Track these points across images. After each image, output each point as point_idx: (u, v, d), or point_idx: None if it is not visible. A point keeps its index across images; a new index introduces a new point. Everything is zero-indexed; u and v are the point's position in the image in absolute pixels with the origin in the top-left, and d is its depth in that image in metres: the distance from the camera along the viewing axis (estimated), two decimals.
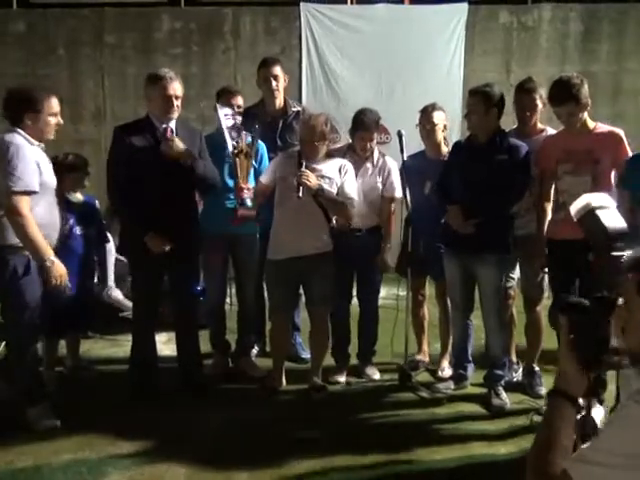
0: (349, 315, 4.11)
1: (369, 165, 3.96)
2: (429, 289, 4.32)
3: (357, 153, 3.95)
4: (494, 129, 3.59)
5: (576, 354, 1.40)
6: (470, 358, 3.94)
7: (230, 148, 3.62)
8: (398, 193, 4.00)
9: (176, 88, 3.53)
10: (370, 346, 4.14)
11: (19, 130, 3.24)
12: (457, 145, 3.87)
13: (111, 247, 4.42)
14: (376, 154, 4.00)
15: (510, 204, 3.61)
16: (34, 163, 3.19)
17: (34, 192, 3.18)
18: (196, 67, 6.71)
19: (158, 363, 3.83)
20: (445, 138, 4.09)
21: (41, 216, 3.24)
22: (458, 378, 3.93)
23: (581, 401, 1.43)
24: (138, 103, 3.78)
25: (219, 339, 4.20)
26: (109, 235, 4.37)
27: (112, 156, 3.61)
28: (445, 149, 4.04)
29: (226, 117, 3.57)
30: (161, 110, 3.54)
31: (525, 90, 3.75)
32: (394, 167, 3.99)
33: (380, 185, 3.96)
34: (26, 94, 3.28)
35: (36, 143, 3.28)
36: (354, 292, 4.14)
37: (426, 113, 4.02)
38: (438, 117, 4.01)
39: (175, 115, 3.57)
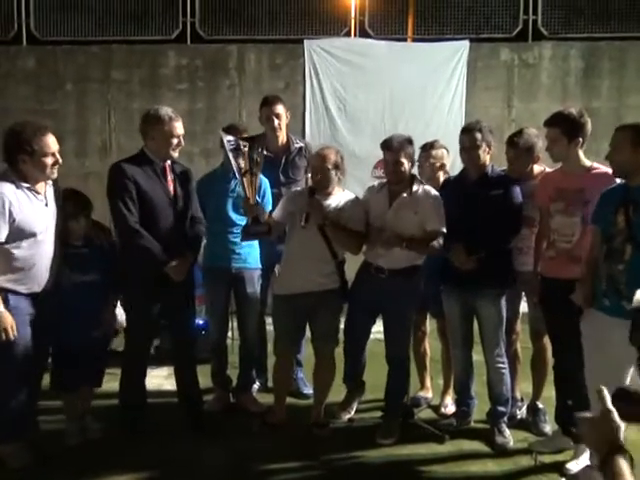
0: (365, 351, 3.93)
1: (405, 196, 3.62)
2: (430, 325, 4.29)
3: (392, 184, 3.68)
4: (485, 165, 3.65)
5: None
6: (473, 394, 3.90)
7: (235, 170, 3.63)
8: (438, 226, 3.58)
9: (181, 127, 3.55)
10: (393, 403, 3.82)
11: (8, 173, 3.19)
12: (447, 182, 3.88)
13: None
14: (416, 185, 3.65)
15: (508, 238, 3.62)
16: (6, 210, 3.09)
17: None
18: (201, 102, 6.80)
19: (146, 400, 3.75)
20: (447, 173, 4.11)
21: (20, 260, 3.17)
22: (461, 415, 3.89)
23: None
24: None
25: (220, 374, 4.18)
26: None
27: (117, 192, 3.48)
28: None
29: (229, 143, 3.59)
30: (165, 149, 3.52)
31: (510, 142, 3.80)
32: (435, 198, 3.64)
33: (414, 220, 3.59)
34: (17, 135, 3.19)
35: (26, 185, 3.19)
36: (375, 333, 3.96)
37: (425, 150, 4.06)
38: (436, 155, 4.05)
39: (177, 155, 3.58)
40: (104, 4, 7.06)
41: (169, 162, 3.59)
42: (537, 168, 3.81)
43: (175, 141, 3.51)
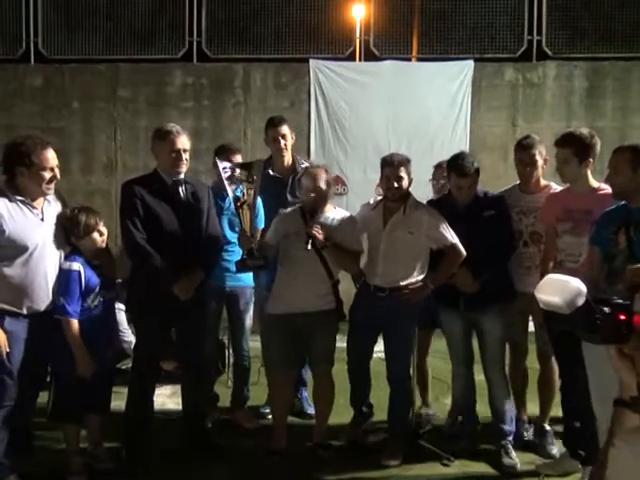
0: (369, 371, 3.90)
1: (399, 214, 3.64)
2: (437, 343, 4.25)
3: (389, 200, 3.68)
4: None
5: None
6: (477, 414, 3.85)
7: (231, 199, 3.63)
8: (450, 240, 3.56)
9: (184, 142, 3.52)
10: (396, 424, 3.78)
11: (2, 187, 3.15)
12: (434, 204, 3.81)
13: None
14: (411, 203, 3.65)
15: (508, 255, 3.67)
16: None
17: None
18: (207, 121, 6.84)
19: (152, 420, 3.68)
20: None
21: (13, 277, 3.10)
22: (467, 436, 3.84)
23: None
24: (149, 155, 3.82)
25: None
26: None
27: (127, 212, 3.47)
28: None
29: (224, 170, 3.59)
30: (170, 165, 3.50)
31: (523, 146, 3.75)
32: (432, 215, 3.64)
33: (410, 240, 3.59)
34: (17, 147, 3.15)
35: (19, 198, 3.13)
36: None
37: (441, 169, 4.09)
38: None
39: (183, 169, 3.54)
40: (111, 23, 7.13)
41: (182, 179, 3.57)
42: (543, 182, 3.79)
43: (174, 155, 3.47)
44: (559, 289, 1.59)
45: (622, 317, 1.43)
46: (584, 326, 1.53)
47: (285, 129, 4.22)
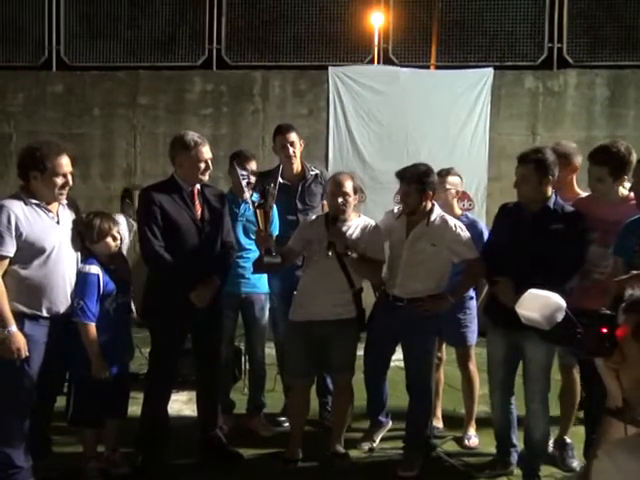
0: (386, 381, 3.88)
1: (421, 226, 3.59)
2: (452, 352, 4.21)
3: (411, 212, 3.62)
4: (547, 197, 3.35)
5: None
6: (515, 442, 3.58)
7: (249, 202, 3.65)
8: (468, 255, 3.55)
9: (209, 151, 3.55)
10: (414, 435, 3.70)
11: (18, 192, 3.19)
12: (505, 210, 3.56)
13: None
14: (435, 215, 3.59)
15: (568, 277, 3.27)
16: (12, 225, 3.05)
17: (4, 257, 3.06)
18: (225, 128, 6.87)
19: (168, 427, 3.67)
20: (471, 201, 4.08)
21: (33, 280, 3.13)
22: (502, 465, 3.62)
23: None
24: (167, 162, 3.85)
25: (224, 398, 4.10)
26: None
27: (143, 218, 3.51)
28: (458, 212, 4.03)
29: (242, 177, 3.61)
30: (194, 175, 3.51)
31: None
32: (454, 227, 3.58)
33: (432, 251, 3.55)
34: (32, 152, 3.19)
35: (35, 202, 3.16)
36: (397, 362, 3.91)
37: (440, 176, 3.94)
38: (452, 182, 4.02)
39: (207, 178, 3.57)
40: (132, 31, 7.22)
41: (199, 187, 3.58)
42: (577, 190, 3.71)
43: (202, 166, 3.50)
44: (538, 305, 1.57)
45: (604, 330, 1.40)
46: (565, 341, 1.51)
47: (293, 136, 4.19)
